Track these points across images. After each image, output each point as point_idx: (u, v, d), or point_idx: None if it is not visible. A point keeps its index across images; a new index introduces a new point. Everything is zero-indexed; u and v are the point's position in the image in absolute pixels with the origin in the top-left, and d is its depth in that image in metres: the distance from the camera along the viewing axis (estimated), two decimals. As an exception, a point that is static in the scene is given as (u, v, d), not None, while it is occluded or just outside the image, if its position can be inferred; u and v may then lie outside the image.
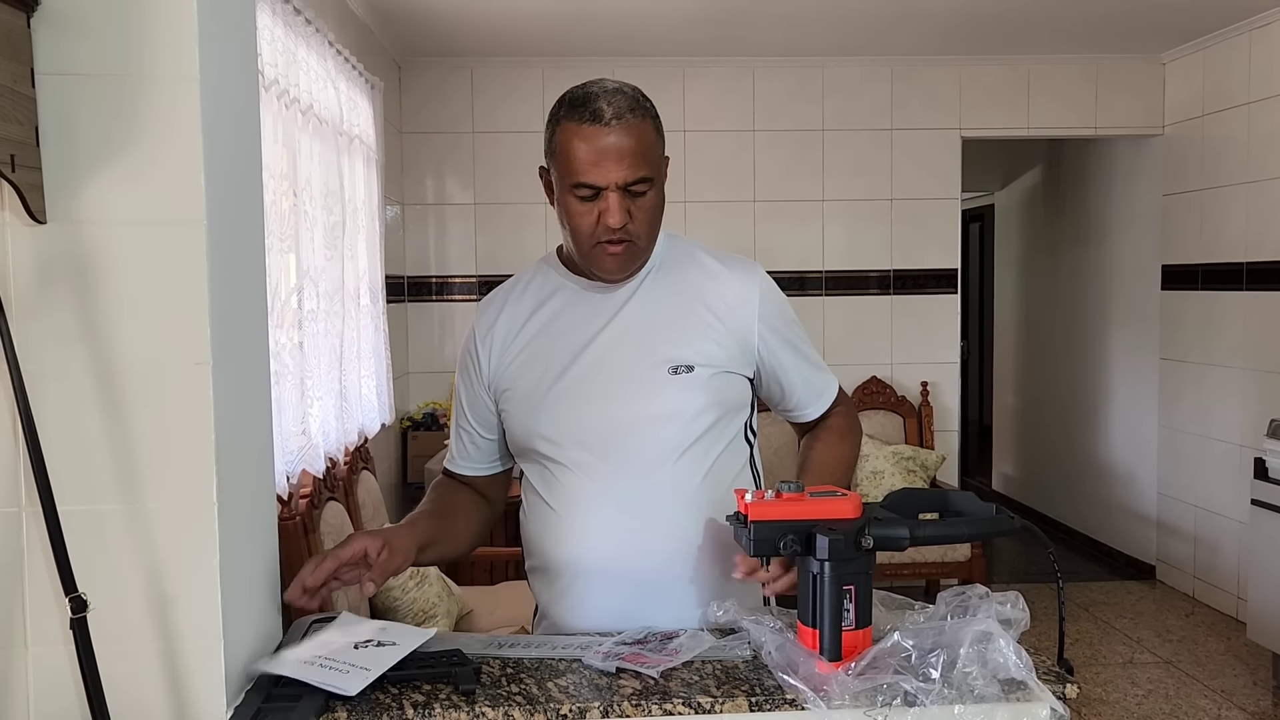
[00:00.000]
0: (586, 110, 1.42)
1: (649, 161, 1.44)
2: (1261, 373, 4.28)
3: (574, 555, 1.49)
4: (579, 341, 1.52)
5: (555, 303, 1.56)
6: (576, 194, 1.43)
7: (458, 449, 1.66)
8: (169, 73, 1.06)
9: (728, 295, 1.55)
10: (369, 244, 3.70)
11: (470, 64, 4.81)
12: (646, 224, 1.47)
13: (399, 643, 1.23)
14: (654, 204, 1.47)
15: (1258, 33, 4.28)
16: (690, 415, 1.49)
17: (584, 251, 1.48)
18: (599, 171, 1.41)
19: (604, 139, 1.41)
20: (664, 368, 1.49)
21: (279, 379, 2.53)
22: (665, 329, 1.51)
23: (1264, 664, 3.90)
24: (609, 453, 1.48)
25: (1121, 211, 5.37)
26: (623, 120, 1.42)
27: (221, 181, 1.14)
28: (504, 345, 1.56)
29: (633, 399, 1.48)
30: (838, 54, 4.78)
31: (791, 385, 1.61)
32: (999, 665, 1.16)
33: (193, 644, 1.11)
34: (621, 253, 1.46)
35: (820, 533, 1.20)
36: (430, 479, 4.44)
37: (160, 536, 1.10)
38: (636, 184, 1.43)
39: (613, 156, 1.41)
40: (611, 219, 1.42)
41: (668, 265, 1.57)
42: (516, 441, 1.56)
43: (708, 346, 1.51)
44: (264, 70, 2.42)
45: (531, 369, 1.53)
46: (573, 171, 1.43)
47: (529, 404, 1.52)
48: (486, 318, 1.60)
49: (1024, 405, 6.60)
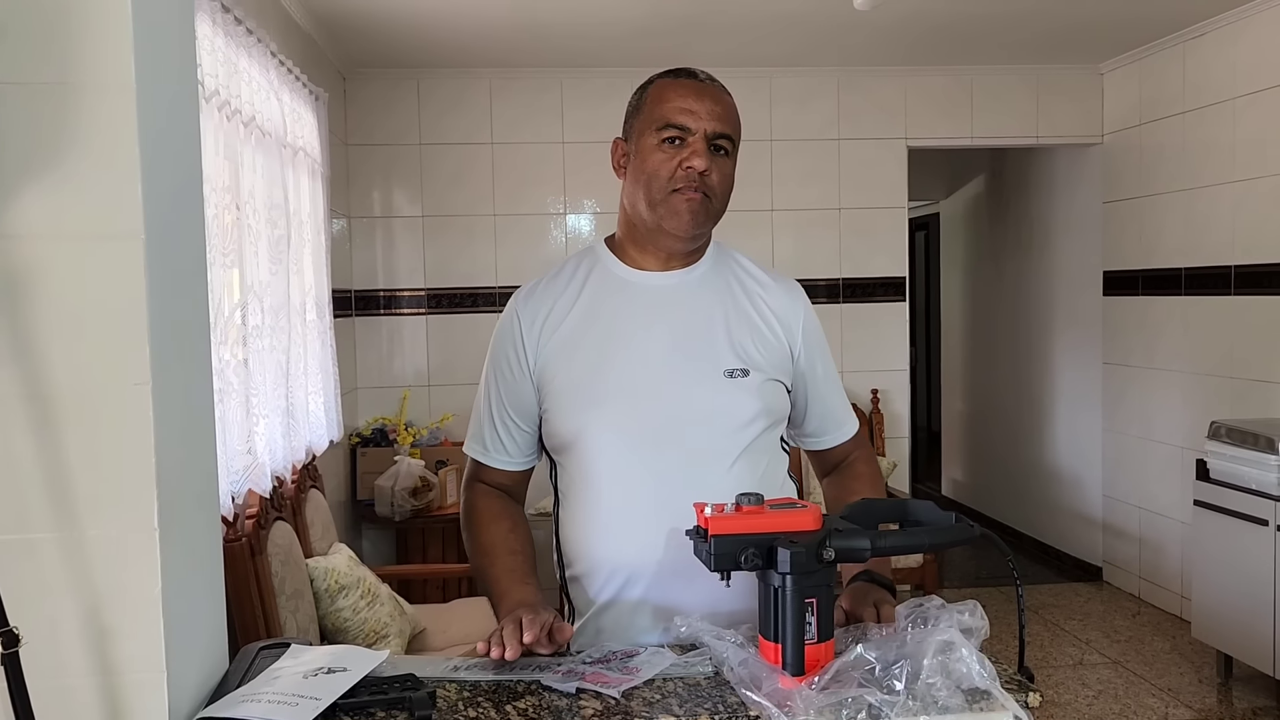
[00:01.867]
0: (682, 71, 1.52)
1: (734, 127, 1.50)
2: (1201, 375, 4.37)
3: (629, 555, 1.45)
4: (630, 335, 1.50)
5: (604, 291, 1.54)
6: (662, 137, 1.47)
7: (493, 443, 1.58)
8: (103, 82, 1.02)
9: (776, 306, 1.57)
10: (315, 258, 3.63)
11: (417, 75, 4.77)
12: (723, 186, 1.50)
13: (350, 668, 1.20)
14: (730, 173, 1.50)
15: (1191, 44, 4.39)
16: (745, 420, 1.48)
17: (657, 200, 1.48)
18: (691, 116, 1.46)
19: (700, 92, 1.48)
20: (721, 370, 1.48)
21: (223, 397, 2.47)
22: (721, 331, 1.51)
23: (1208, 661, 3.97)
24: (666, 452, 1.45)
25: (1063, 219, 5.46)
26: (715, 84, 1.51)
27: (160, 195, 1.10)
28: (551, 334, 1.52)
29: (691, 400, 1.47)
30: (785, 64, 4.81)
31: (817, 408, 1.62)
32: (962, 675, 1.16)
33: (134, 678, 1.06)
34: (698, 202, 1.47)
35: (781, 545, 1.19)
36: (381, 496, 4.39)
37: (98, 565, 1.05)
38: (721, 139, 1.47)
39: (706, 106, 1.47)
40: (697, 160, 1.44)
41: (718, 267, 1.58)
42: (561, 436, 1.51)
43: (760, 352, 1.52)
44: (204, 81, 2.36)
45: (578, 360, 1.49)
46: (663, 115, 1.47)
47: (577, 398, 1.48)
48: (531, 305, 1.55)
49: (972, 411, 6.69)
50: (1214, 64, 4.26)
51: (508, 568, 1.49)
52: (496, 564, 1.51)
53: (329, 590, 2.87)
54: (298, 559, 2.83)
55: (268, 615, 2.53)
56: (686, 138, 1.46)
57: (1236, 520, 3.61)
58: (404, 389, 4.81)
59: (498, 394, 1.56)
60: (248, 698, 1.14)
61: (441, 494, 4.42)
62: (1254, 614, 3.55)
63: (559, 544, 1.57)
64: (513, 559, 1.51)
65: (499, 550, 1.52)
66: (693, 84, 1.49)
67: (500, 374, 1.56)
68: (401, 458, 4.38)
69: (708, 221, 1.50)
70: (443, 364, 4.85)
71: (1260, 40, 4.00)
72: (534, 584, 1.48)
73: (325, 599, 2.87)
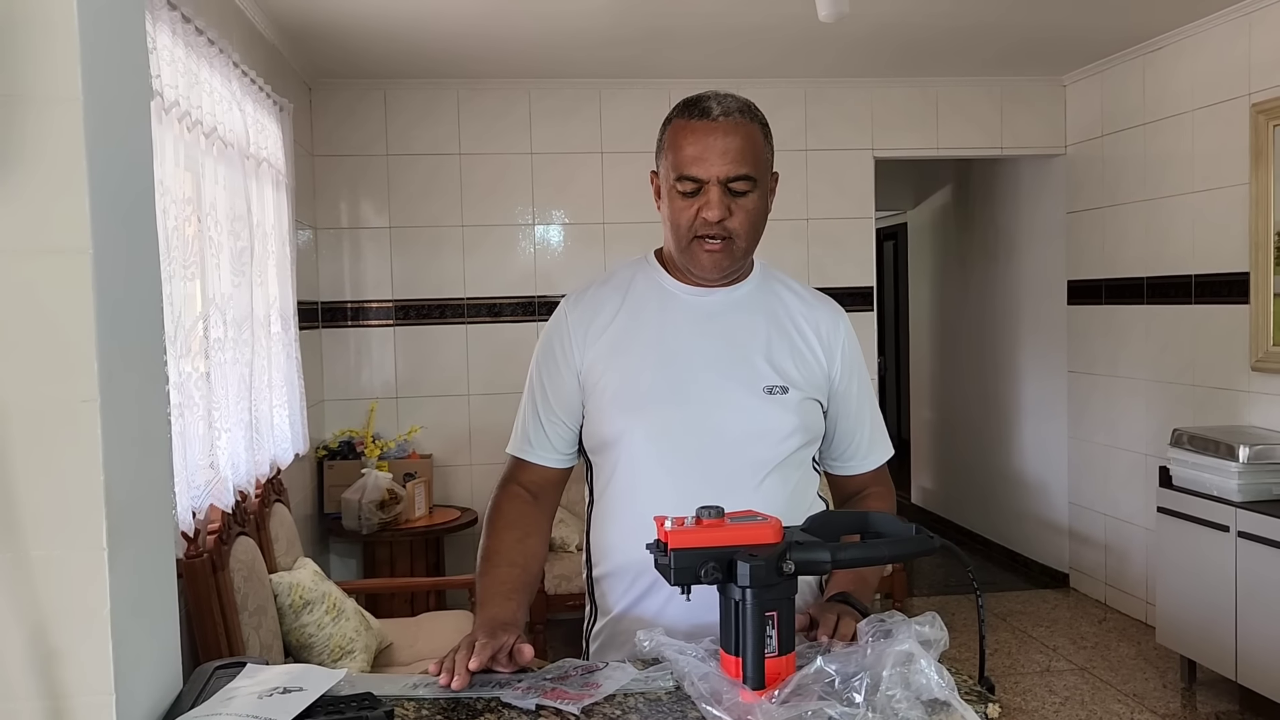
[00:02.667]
0: (697, 108, 1.49)
1: (754, 161, 1.48)
2: (1164, 384, 4.43)
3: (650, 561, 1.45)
4: (674, 346, 1.53)
5: (651, 301, 1.58)
6: (679, 188, 1.48)
7: (537, 438, 1.61)
8: (48, 93, 1.01)
9: (818, 325, 1.60)
10: (279, 269, 3.60)
11: (383, 86, 4.74)
12: (747, 224, 1.50)
13: (306, 688, 1.18)
14: (756, 207, 1.50)
15: (1151, 56, 4.46)
16: (781, 436, 1.51)
17: (681, 247, 1.51)
18: (702, 165, 1.46)
19: (710, 133, 1.46)
20: (760, 385, 1.52)
21: (184, 411, 2.44)
22: (762, 348, 1.55)
23: (1173, 666, 4.01)
24: (701, 462, 1.48)
25: (1028, 229, 5.52)
26: (730, 118, 1.47)
27: (110, 208, 1.08)
28: (597, 337, 1.56)
29: (729, 413, 1.50)
30: (752, 75, 4.83)
31: (845, 431, 1.63)
32: (922, 686, 1.16)
33: (82, 700, 1.04)
34: (720, 250, 1.49)
35: (741, 559, 1.18)
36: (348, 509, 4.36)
37: (45, 586, 1.03)
38: (738, 180, 1.47)
39: (717, 150, 1.45)
40: (710, 212, 1.46)
41: (763, 285, 1.61)
42: (601, 437, 1.55)
43: (800, 370, 1.55)
44: (164, 92, 2.34)
45: (623, 366, 1.53)
46: (678, 164, 1.48)
47: (619, 402, 1.52)
48: (582, 306, 1.60)
49: (940, 419, 6.74)
50: (1173, 77, 4.33)
51: (499, 579, 1.50)
52: (490, 573, 1.51)
53: (293, 606, 2.83)
54: (261, 574, 2.80)
55: (230, 632, 2.50)
56: (702, 186, 1.47)
57: (1199, 526, 3.66)
58: (371, 401, 4.77)
59: (543, 391, 1.60)
60: (201, 718, 1.12)
61: (409, 507, 4.38)
62: (1216, 619, 3.59)
63: (589, 542, 1.61)
64: (509, 571, 1.51)
65: (499, 559, 1.53)
66: (703, 126, 1.47)
67: (547, 371, 1.60)
68: (369, 471, 4.34)
69: (732, 264, 1.53)
70: (411, 376, 4.82)
71: (1217, 54, 4.07)
72: (518, 600, 1.47)
73: (289, 615, 2.83)
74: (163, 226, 2.26)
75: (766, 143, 1.52)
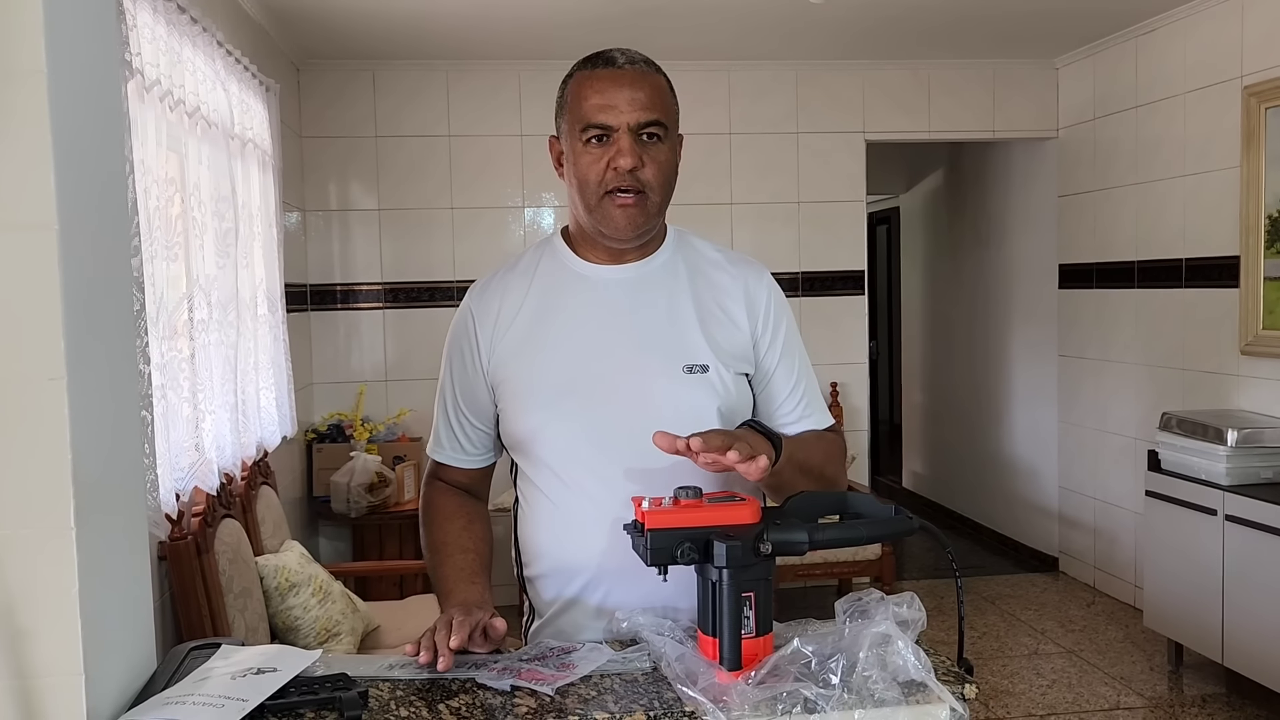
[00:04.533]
0: (600, 59, 1.43)
1: (663, 109, 1.42)
2: (1153, 368, 4.43)
3: (590, 557, 1.42)
4: (586, 332, 1.45)
5: (560, 287, 1.49)
6: (586, 138, 1.40)
7: (449, 441, 1.55)
8: (11, 66, 0.99)
9: (738, 289, 1.51)
10: (266, 251, 3.57)
11: (372, 67, 4.71)
12: (660, 177, 1.42)
13: (281, 669, 1.17)
14: (667, 159, 1.43)
15: (1144, 39, 4.44)
16: (706, 417, 1.43)
17: (592, 205, 1.43)
18: (610, 113, 1.39)
19: (617, 81, 1.40)
20: (679, 365, 1.44)
21: (167, 392, 2.42)
22: (679, 324, 1.46)
23: (1160, 650, 4.03)
24: (623, 453, 1.41)
25: (1019, 212, 5.51)
26: (636, 66, 1.42)
27: (76, 184, 1.06)
28: (504, 331, 1.48)
29: (648, 398, 1.42)
30: (743, 58, 4.81)
31: (778, 394, 1.52)
32: (898, 668, 1.15)
33: (50, 680, 1.03)
34: (633, 204, 1.41)
35: (717, 539, 1.18)
36: (336, 492, 4.34)
37: (12, 566, 1.02)
38: (649, 127, 1.40)
39: (625, 98, 1.39)
40: (623, 160, 1.38)
41: (677, 256, 1.52)
42: (516, 436, 1.48)
43: (720, 345, 1.46)
44: (145, 70, 2.31)
45: (533, 359, 1.45)
46: (584, 115, 1.40)
47: (532, 397, 1.44)
48: (485, 301, 1.51)
49: (931, 403, 6.74)
50: (1165, 59, 4.31)
51: (457, 566, 1.47)
52: (446, 562, 1.48)
53: (279, 588, 2.83)
54: (246, 557, 2.79)
55: (214, 614, 2.49)
56: (611, 135, 1.39)
57: (1186, 510, 3.67)
58: (360, 384, 4.76)
59: (453, 393, 1.53)
60: (172, 700, 1.11)
61: (398, 490, 4.37)
62: (1203, 603, 3.60)
63: (517, 543, 1.55)
64: (464, 557, 1.48)
65: (450, 548, 1.49)
66: (609, 74, 1.41)
67: (455, 372, 1.53)
68: (358, 454, 4.33)
69: (647, 221, 1.44)
70: (400, 359, 4.80)
71: (1209, 36, 4.05)
72: (482, 583, 1.45)
73: (275, 597, 2.83)
74: (144, 207, 2.24)
75: (672, 95, 1.46)
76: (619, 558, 1.39)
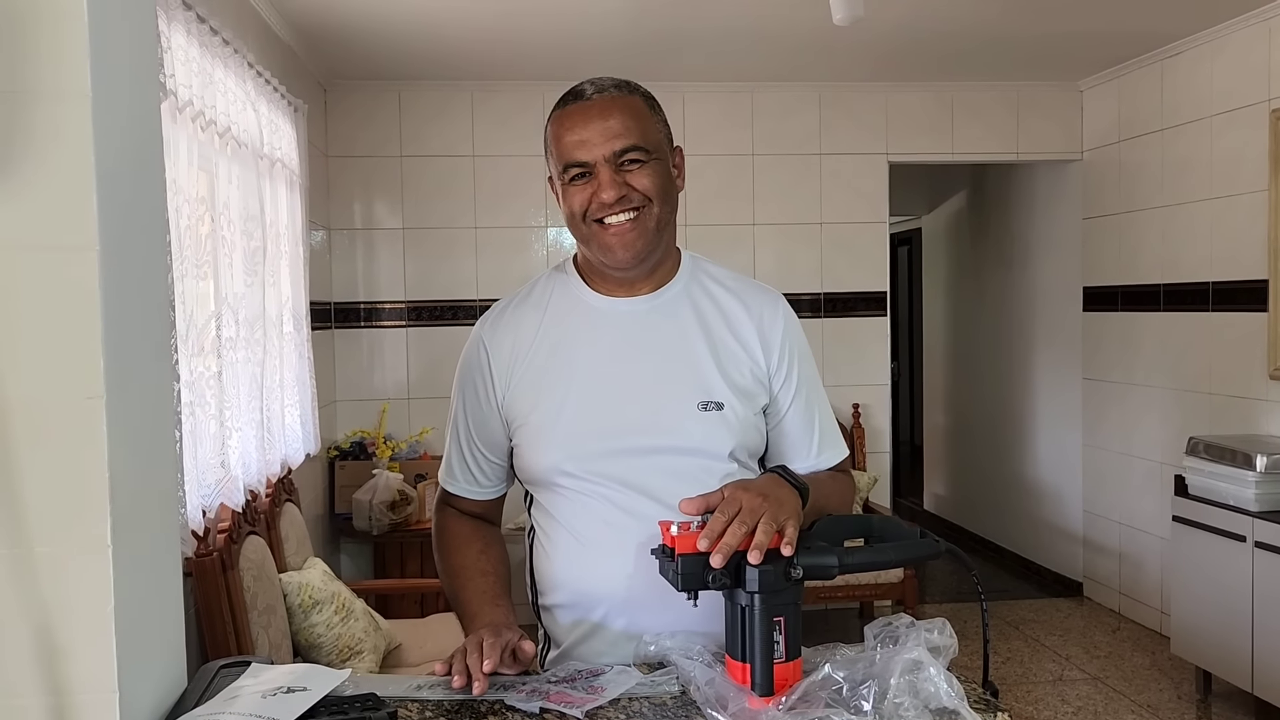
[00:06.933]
0: (570, 94, 1.41)
1: (640, 132, 1.39)
2: (1179, 391, 4.39)
3: (610, 588, 1.41)
4: (600, 368, 1.44)
5: (573, 320, 1.47)
6: (569, 178, 1.40)
7: (462, 473, 1.55)
8: (57, 89, 1.00)
9: (754, 318, 1.49)
10: (292, 270, 3.60)
11: (398, 87, 4.75)
12: (654, 189, 1.39)
13: (310, 688, 1.17)
14: (655, 175, 1.39)
15: (1169, 62, 4.42)
16: (720, 454, 1.42)
17: (585, 237, 1.42)
18: (585, 147, 1.37)
19: (587, 114, 1.38)
20: (694, 402, 1.42)
21: (195, 409, 2.44)
22: (693, 360, 1.44)
23: (1187, 678, 3.97)
24: (638, 490, 1.40)
25: (1043, 235, 5.49)
26: (605, 94, 1.39)
27: (117, 205, 1.08)
28: (519, 366, 1.47)
29: (662, 436, 1.41)
30: (766, 79, 4.82)
31: (794, 427, 1.51)
32: (930, 694, 1.14)
33: (85, 698, 1.03)
34: (625, 228, 1.38)
35: (749, 564, 1.17)
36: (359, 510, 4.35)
37: (49, 583, 1.03)
38: (628, 153, 1.38)
39: (597, 130, 1.37)
40: (605, 194, 1.36)
41: (691, 287, 1.50)
42: (531, 473, 1.47)
43: (734, 381, 1.44)
44: (178, 92, 2.34)
45: (548, 394, 1.44)
46: (562, 155, 1.39)
47: (546, 433, 1.43)
48: (499, 334, 1.50)
49: (954, 425, 6.70)
50: (1191, 82, 4.30)
51: (479, 589, 1.46)
52: (468, 586, 1.48)
53: (302, 606, 2.83)
54: (270, 574, 2.80)
55: (239, 631, 2.50)
56: (591, 170, 1.38)
57: (1214, 536, 3.62)
58: (383, 402, 4.78)
59: (466, 425, 1.53)
60: (203, 717, 1.12)
61: (420, 508, 4.38)
62: (1232, 630, 3.55)
63: (533, 571, 1.54)
64: (484, 580, 1.48)
65: (470, 572, 1.49)
66: (579, 108, 1.38)
67: (468, 405, 1.52)
68: (380, 471, 4.35)
69: (646, 242, 1.41)
70: (423, 377, 4.82)
71: (1236, 59, 4.03)
72: (506, 605, 1.45)
73: (299, 614, 2.83)
74: (175, 226, 2.27)
75: (654, 113, 1.43)
76: (634, 589, 1.39)
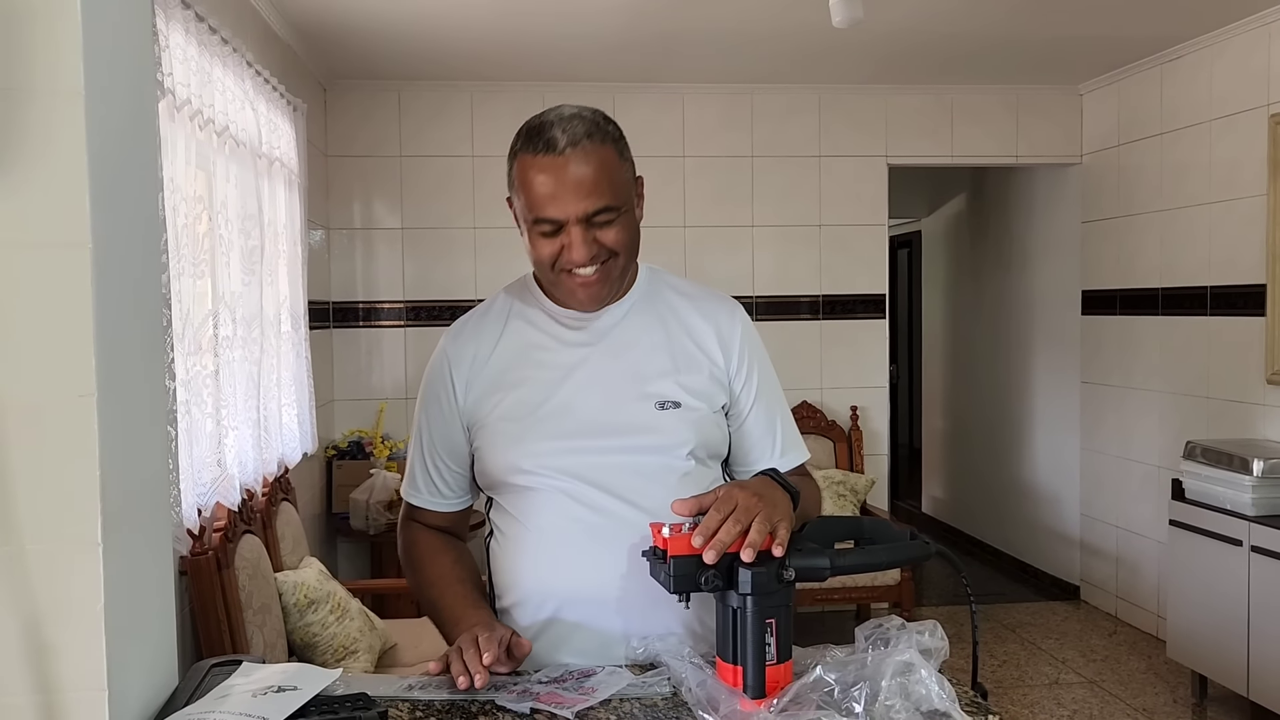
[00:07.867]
0: (540, 140, 1.36)
1: (612, 189, 1.37)
2: (1177, 395, 4.39)
3: (562, 588, 1.42)
4: (559, 372, 1.46)
5: (532, 329, 1.50)
6: (539, 229, 1.38)
7: (425, 485, 1.56)
8: (50, 87, 1.00)
9: (711, 325, 1.51)
10: (290, 269, 3.60)
11: (397, 87, 4.75)
12: (620, 243, 1.40)
13: (301, 687, 1.17)
14: (622, 229, 1.40)
15: (1169, 66, 4.43)
16: (679, 451, 1.43)
17: (550, 280, 1.44)
18: (557, 205, 1.35)
19: (559, 170, 1.34)
20: (651, 402, 1.44)
21: (191, 408, 2.44)
22: (652, 363, 1.47)
23: (1183, 682, 3.97)
24: (598, 489, 1.41)
25: (1042, 238, 5.49)
26: (579, 147, 1.35)
27: (110, 203, 1.08)
28: (479, 374, 1.49)
29: (622, 434, 1.43)
30: (766, 81, 4.83)
31: (754, 430, 1.53)
32: (922, 697, 1.14)
33: (75, 695, 1.03)
34: (593, 280, 1.40)
35: (741, 566, 1.17)
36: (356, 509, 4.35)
37: (39, 580, 1.03)
38: (599, 214, 1.37)
39: (570, 187, 1.34)
40: (576, 253, 1.37)
41: (649, 296, 1.52)
42: (491, 475, 1.49)
43: (693, 382, 1.46)
44: (176, 90, 2.34)
45: (509, 401, 1.46)
46: (531, 205, 1.37)
47: (506, 438, 1.45)
48: (460, 345, 1.52)
49: (952, 428, 6.70)
50: (1191, 86, 4.30)
51: (459, 595, 1.47)
52: (447, 593, 1.48)
53: (298, 605, 2.83)
54: (266, 573, 2.80)
55: (234, 630, 2.50)
56: (562, 226, 1.37)
57: (1211, 540, 3.62)
58: (381, 402, 4.78)
59: (429, 435, 1.54)
60: (193, 716, 1.11)
61: (417, 508, 4.38)
62: (1228, 634, 3.55)
63: (490, 574, 1.55)
64: (463, 587, 1.49)
65: (448, 579, 1.50)
66: (550, 162, 1.34)
67: (431, 415, 1.53)
68: (377, 471, 4.34)
69: (607, 289, 1.44)
70: (420, 377, 4.80)
71: (1235, 64, 4.04)
72: (487, 609, 1.46)
73: (294, 614, 2.83)
74: (173, 224, 2.27)
75: (623, 160, 1.42)
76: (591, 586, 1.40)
